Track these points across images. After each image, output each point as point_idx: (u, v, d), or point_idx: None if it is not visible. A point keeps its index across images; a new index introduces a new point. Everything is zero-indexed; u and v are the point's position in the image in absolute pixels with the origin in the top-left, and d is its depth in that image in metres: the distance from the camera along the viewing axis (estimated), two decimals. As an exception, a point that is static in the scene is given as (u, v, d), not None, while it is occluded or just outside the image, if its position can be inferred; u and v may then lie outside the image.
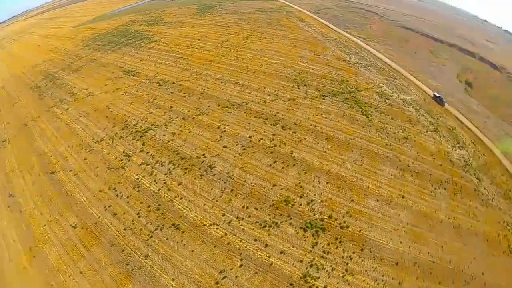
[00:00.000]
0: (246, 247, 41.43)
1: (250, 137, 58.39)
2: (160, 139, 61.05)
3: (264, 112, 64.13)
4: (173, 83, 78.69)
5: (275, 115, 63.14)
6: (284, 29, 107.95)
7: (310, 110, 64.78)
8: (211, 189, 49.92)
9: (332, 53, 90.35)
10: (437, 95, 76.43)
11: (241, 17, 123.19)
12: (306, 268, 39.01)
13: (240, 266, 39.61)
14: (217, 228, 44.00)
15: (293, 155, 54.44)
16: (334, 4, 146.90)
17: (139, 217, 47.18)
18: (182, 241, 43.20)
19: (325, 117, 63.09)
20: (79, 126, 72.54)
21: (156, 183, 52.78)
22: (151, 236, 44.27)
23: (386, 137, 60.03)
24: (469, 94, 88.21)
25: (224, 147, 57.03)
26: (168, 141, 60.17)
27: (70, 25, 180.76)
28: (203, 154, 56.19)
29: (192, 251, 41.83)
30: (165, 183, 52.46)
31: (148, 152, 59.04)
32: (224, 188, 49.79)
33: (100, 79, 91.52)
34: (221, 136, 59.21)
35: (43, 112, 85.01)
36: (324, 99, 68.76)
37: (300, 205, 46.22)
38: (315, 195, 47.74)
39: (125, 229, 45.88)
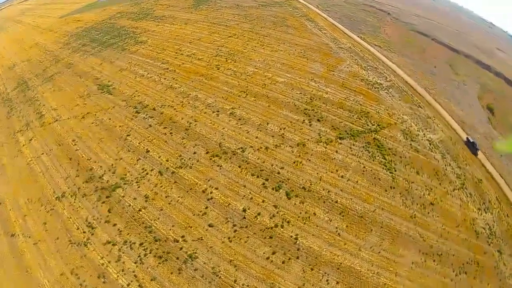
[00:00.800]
0: None
1: (244, 210, 40.45)
2: (130, 205, 43.29)
3: (264, 167, 45.53)
4: (154, 109, 59.23)
5: (278, 173, 44.66)
6: (291, 31, 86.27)
7: (324, 164, 46.25)
8: (191, 294, 32.93)
9: (348, 68, 69.87)
10: (470, 140, 57.49)
11: (242, 13, 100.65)
12: None
13: None
14: None
15: (297, 242, 37.81)
16: (343, 1, 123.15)
17: None
18: None
19: (342, 176, 44.89)
20: (40, 168, 55.29)
21: (125, 274, 37.15)
22: None
23: (410, 204, 43.68)
24: (492, 124, 68.95)
25: (210, 226, 39.28)
26: (140, 210, 42.39)
27: (59, 13, 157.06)
28: (183, 237, 38.72)
29: None
30: (135, 275, 36.80)
31: (115, 225, 41.82)
32: (208, 295, 32.87)
33: (71, 95, 72.01)
34: (207, 207, 41.13)
35: (8, 137, 67.18)
36: (341, 143, 49.84)
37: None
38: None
39: None
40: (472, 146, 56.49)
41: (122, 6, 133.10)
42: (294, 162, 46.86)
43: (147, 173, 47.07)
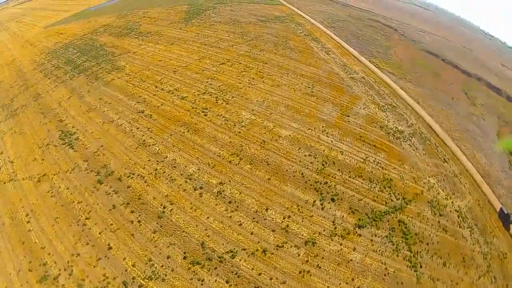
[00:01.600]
0: None
1: None
2: None
3: (261, 283, 29.91)
4: (119, 179, 42.85)
5: (282, 297, 28.65)
6: (295, 55, 69.16)
7: (338, 271, 31.92)
8: None
9: (364, 110, 53.70)
10: (505, 211, 42.05)
11: (239, 30, 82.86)
12: None
13: None
14: None
15: None
16: (347, 14, 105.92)
17: None
18: None
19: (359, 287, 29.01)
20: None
21: None
22: None
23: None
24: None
25: None
26: None
27: (45, 22, 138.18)
28: None
29: None
30: None
31: None
32: None
33: (31, 143, 55.62)
34: None
35: None
36: (360, 234, 34.62)
37: None
38: None
39: None
40: (505, 219, 41.57)
41: (109, 17, 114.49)
42: (301, 272, 31.58)
43: (109, 283, 31.22)
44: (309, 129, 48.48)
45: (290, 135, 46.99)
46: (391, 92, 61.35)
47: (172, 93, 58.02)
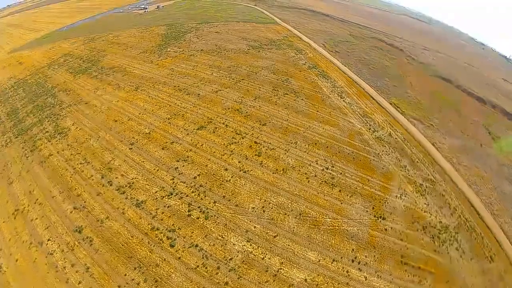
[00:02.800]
0: None
1: None
2: None
3: None
4: None
5: None
6: (302, 104, 45.96)
7: None
8: None
9: (402, 201, 34.40)
10: None
11: (225, 63, 58.02)
12: None
13: None
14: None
15: None
16: (348, 33, 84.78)
17: None
18: None
19: None
20: None
21: None
22: None
23: None
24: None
25: None
26: None
27: (12, 45, 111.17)
28: None
29: None
30: None
31: None
32: None
33: None
34: None
35: None
36: None
37: None
38: None
39: None
40: None
41: (75, 42, 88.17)
42: None
43: None
44: (333, 260, 26.27)
45: (306, 280, 23.89)
46: (425, 156, 40.34)
47: (124, 192, 33.75)
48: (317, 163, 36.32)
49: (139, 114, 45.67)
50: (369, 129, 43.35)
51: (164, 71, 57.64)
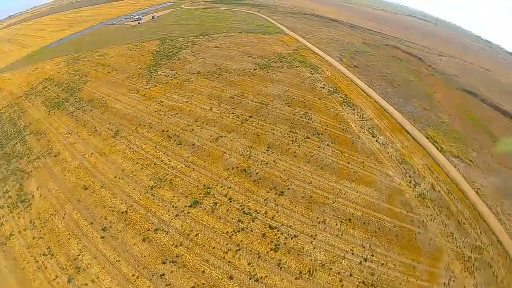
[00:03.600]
0: None
1: None
2: None
3: None
4: None
5: None
6: (325, 150, 35.08)
7: None
8: None
9: None
10: None
11: (228, 91, 46.86)
12: None
13: None
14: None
15: None
16: (361, 41, 77.75)
17: None
18: None
19: None
20: None
21: None
22: None
23: None
24: None
25: None
26: None
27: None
28: None
29: None
30: None
31: None
32: None
33: None
34: None
35: None
36: None
37: None
38: None
39: None
40: None
41: (60, 63, 78.47)
42: None
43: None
44: None
45: None
46: (470, 211, 32.08)
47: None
48: (352, 253, 25.41)
49: (115, 178, 34.86)
50: (410, 182, 32.69)
51: (151, 106, 46.67)
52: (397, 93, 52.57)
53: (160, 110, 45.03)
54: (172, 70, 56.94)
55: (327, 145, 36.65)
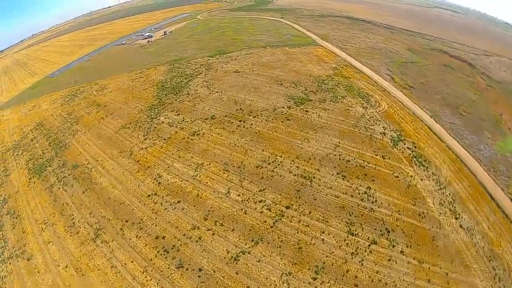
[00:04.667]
0: None
1: None
2: None
3: None
4: None
5: None
6: (399, 264, 17.62)
7: None
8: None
9: None
10: None
11: (252, 152, 32.24)
12: None
13: None
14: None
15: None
16: (405, 47, 63.59)
17: None
18: None
19: None
20: None
21: None
22: None
23: None
24: None
25: None
26: None
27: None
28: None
29: None
30: None
31: None
32: None
33: None
34: None
35: None
36: None
37: None
38: None
39: None
40: None
41: (57, 101, 69.28)
42: None
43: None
44: None
45: None
46: None
47: None
48: None
49: None
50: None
51: (145, 185, 33.26)
52: (467, 125, 38.55)
53: (155, 194, 31.38)
54: (178, 114, 43.36)
55: (401, 252, 21.39)
